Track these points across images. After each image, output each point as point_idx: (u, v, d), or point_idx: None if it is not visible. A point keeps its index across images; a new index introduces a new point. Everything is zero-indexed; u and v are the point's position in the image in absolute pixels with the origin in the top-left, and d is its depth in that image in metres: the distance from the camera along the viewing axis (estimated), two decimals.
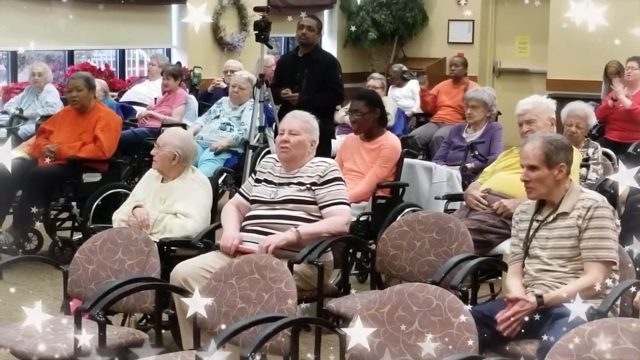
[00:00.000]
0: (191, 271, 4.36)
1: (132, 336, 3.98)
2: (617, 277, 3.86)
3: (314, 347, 3.97)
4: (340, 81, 7.21)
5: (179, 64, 10.11)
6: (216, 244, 4.66)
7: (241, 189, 4.92)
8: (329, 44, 12.65)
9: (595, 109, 7.30)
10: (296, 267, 4.33)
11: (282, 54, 11.55)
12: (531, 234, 3.95)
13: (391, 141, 6.03)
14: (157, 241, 4.58)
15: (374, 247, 4.87)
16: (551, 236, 3.90)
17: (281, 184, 4.73)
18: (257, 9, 7.51)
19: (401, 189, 6.05)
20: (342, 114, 8.73)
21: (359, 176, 5.93)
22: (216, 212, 5.18)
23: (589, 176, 6.09)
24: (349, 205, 4.75)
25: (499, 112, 7.87)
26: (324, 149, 6.02)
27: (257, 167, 5.01)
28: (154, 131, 8.07)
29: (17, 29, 9.08)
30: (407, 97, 10.36)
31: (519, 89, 11.50)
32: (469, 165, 6.62)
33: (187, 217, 4.87)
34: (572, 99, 7.04)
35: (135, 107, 9.20)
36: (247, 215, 4.74)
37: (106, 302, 3.79)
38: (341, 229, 4.60)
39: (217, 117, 8.12)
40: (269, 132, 7.73)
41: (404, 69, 10.46)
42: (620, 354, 2.90)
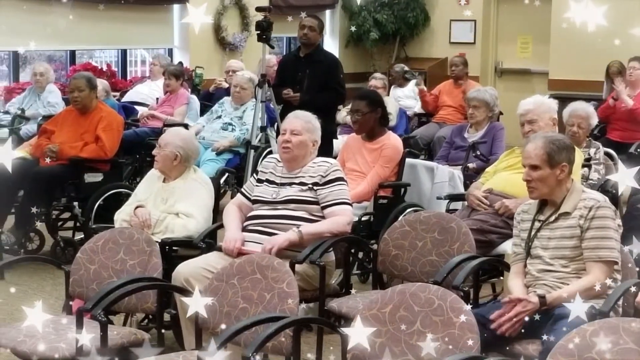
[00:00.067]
0: (193, 271, 4.36)
1: (133, 336, 3.97)
2: (619, 277, 3.85)
3: (316, 347, 3.96)
4: (341, 81, 7.21)
5: (180, 64, 10.10)
6: (218, 245, 4.66)
7: (243, 189, 4.91)
8: (331, 44, 12.64)
9: (596, 108, 7.30)
10: (298, 267, 4.33)
11: (284, 54, 11.55)
12: (533, 234, 3.95)
13: (393, 141, 6.03)
14: (159, 241, 4.58)
15: (375, 247, 4.86)
16: (553, 236, 3.89)
17: (283, 184, 4.72)
18: (259, 9, 7.51)
19: (403, 189, 6.05)
20: (344, 114, 8.73)
21: (360, 176, 5.93)
22: (218, 212, 5.18)
23: (590, 176, 6.08)
24: (351, 205, 4.74)
25: (501, 112, 7.87)
26: (326, 149, 6.02)
27: (259, 167, 5.00)
28: (156, 131, 8.06)
29: (17, 29, 9.08)
30: (409, 97, 10.37)
31: (520, 89, 11.48)
32: (470, 165, 6.62)
33: (189, 217, 4.87)
34: (573, 99, 7.04)
35: (137, 107, 9.20)
36: (249, 215, 4.73)
37: (108, 302, 3.79)
38: (343, 229, 4.60)
39: (219, 117, 8.12)
40: (271, 132, 7.73)
41: (406, 69, 10.46)
42: (621, 354, 2.90)
